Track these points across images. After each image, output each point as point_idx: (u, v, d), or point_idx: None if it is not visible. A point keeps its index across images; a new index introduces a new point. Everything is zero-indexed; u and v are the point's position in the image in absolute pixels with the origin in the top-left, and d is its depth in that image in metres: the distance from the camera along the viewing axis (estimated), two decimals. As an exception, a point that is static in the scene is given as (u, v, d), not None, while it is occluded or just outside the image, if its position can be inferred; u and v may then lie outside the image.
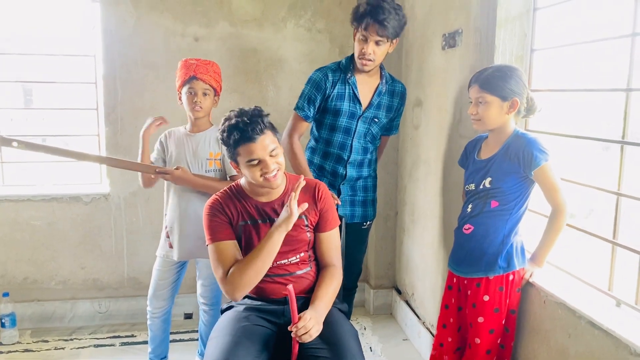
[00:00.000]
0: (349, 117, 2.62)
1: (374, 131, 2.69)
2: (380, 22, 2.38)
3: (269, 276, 2.03)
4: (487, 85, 1.94)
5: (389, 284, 3.69)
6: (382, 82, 2.64)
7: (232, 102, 3.42)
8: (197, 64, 2.50)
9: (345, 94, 2.59)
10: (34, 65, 3.50)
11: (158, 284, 2.65)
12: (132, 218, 3.44)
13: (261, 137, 1.88)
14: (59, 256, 3.41)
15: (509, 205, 1.97)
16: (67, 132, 4.06)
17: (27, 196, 3.32)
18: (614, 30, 1.85)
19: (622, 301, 1.76)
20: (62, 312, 3.45)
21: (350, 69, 2.59)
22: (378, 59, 2.51)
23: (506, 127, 1.99)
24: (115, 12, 3.24)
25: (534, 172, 1.89)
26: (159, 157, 2.64)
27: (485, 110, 1.96)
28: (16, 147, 2.39)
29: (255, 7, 3.40)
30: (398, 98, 2.70)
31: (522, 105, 1.95)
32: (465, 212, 2.11)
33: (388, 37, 2.43)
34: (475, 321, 2.02)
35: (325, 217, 2.09)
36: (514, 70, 1.96)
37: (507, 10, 2.21)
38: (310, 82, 2.62)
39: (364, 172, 2.74)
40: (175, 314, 3.44)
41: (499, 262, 1.98)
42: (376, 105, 2.64)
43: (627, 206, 1.77)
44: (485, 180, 2.02)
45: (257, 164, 1.90)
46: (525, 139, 1.93)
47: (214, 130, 2.60)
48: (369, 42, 2.44)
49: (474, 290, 2.03)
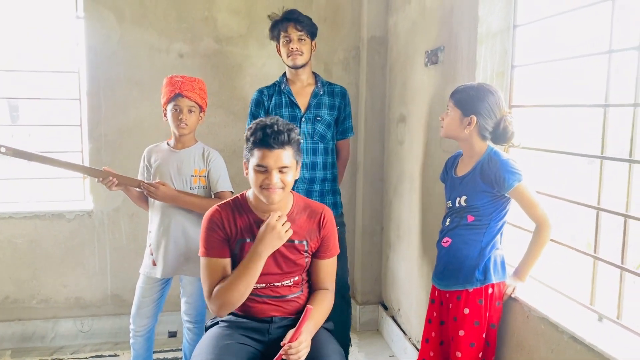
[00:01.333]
0: (291, 121, 2.67)
1: (321, 130, 2.77)
2: (295, 20, 2.70)
3: (259, 296, 2.01)
4: (455, 96, 2.02)
5: (375, 299, 3.67)
6: (317, 86, 2.81)
7: (218, 118, 3.43)
8: (182, 81, 2.49)
9: (282, 101, 2.80)
10: (20, 82, 3.48)
11: (141, 301, 2.61)
12: (115, 235, 3.41)
13: (279, 150, 1.86)
14: (40, 274, 3.36)
15: (485, 220, 1.98)
16: (52, 148, 4.04)
17: (8, 213, 3.28)
18: (593, 46, 1.89)
19: (604, 316, 1.76)
20: (44, 332, 3.39)
21: (284, 81, 2.83)
22: (306, 53, 2.74)
23: (473, 145, 2.01)
24: (99, 28, 3.24)
25: (508, 193, 1.92)
26: (142, 175, 2.63)
27: (447, 117, 2.05)
28: (3, 153, 2.38)
29: (241, 23, 3.42)
30: (339, 97, 2.85)
31: (483, 127, 1.96)
32: (444, 226, 2.13)
33: (307, 33, 2.71)
34: (456, 335, 2.01)
35: (326, 245, 2.06)
36: (487, 93, 1.96)
37: (488, 27, 2.24)
38: (251, 102, 2.86)
39: (317, 174, 2.78)
40: (159, 332, 3.39)
41: (476, 274, 1.98)
42: (315, 105, 2.78)
43: (611, 220, 1.78)
44: (460, 198, 2.04)
45: (262, 172, 1.87)
46: (497, 161, 1.94)
47: (199, 146, 2.59)
48: (293, 40, 2.71)
49: (455, 304, 2.03)
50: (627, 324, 1.68)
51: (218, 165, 2.58)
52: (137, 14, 3.28)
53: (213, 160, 2.58)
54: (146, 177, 2.61)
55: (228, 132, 3.48)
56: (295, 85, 2.81)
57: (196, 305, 2.65)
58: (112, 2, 3.24)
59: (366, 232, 3.56)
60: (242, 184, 3.40)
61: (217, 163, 2.58)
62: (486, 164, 1.96)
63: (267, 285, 2.00)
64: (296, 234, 1.99)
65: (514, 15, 2.23)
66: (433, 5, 2.71)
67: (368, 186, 3.53)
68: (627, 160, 1.67)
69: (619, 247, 1.71)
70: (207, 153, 2.59)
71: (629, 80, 1.63)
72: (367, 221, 3.56)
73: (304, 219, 2.02)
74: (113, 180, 2.46)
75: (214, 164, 2.57)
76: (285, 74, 2.84)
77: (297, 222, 2.01)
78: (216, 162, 2.58)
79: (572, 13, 1.92)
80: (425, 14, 2.80)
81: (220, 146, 3.41)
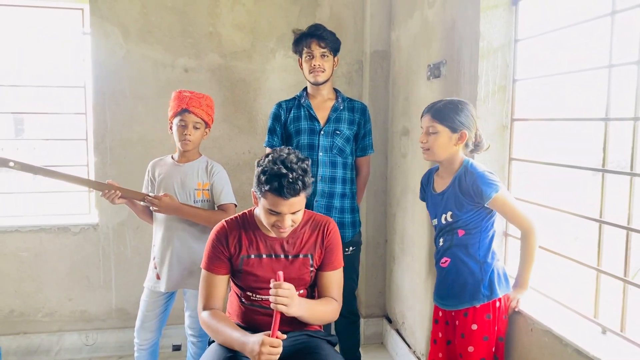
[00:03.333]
0: (310, 134, 2.75)
1: (339, 144, 2.75)
2: (318, 36, 2.69)
3: (264, 307, 2.02)
4: (439, 116, 2.00)
5: (379, 312, 3.67)
6: (337, 101, 2.81)
7: (222, 132, 3.46)
8: (190, 97, 2.51)
9: (301, 115, 2.79)
10: (26, 95, 3.52)
11: (145, 315, 2.62)
12: (120, 248, 3.42)
13: (293, 199, 1.83)
14: (45, 288, 3.38)
15: (476, 231, 1.99)
16: (57, 161, 4.08)
17: (14, 227, 3.30)
18: (594, 60, 1.91)
19: (607, 328, 1.76)
20: (49, 345, 3.40)
21: (304, 95, 2.83)
22: (328, 70, 2.74)
23: (455, 159, 2.03)
24: (105, 44, 3.29)
25: (488, 204, 1.94)
26: (147, 189, 2.65)
27: (435, 140, 2.01)
28: (12, 167, 2.41)
29: (245, 39, 3.46)
30: (359, 113, 2.83)
31: (470, 139, 2.00)
32: (439, 247, 2.13)
33: (330, 49, 2.71)
34: (465, 351, 2.00)
35: (329, 257, 2.05)
36: (464, 104, 2.01)
37: (489, 42, 2.27)
38: (270, 116, 2.86)
39: (337, 188, 2.76)
40: (163, 346, 3.40)
41: (482, 290, 1.98)
42: (334, 118, 2.77)
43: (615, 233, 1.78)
44: (446, 215, 2.05)
45: (275, 214, 1.87)
46: (473, 174, 1.96)
47: (202, 160, 2.61)
48: (316, 57, 2.70)
49: (462, 320, 2.02)
50: (631, 336, 1.68)
51: (221, 179, 2.60)
52: (143, 29, 3.32)
53: (216, 173, 2.59)
54: (150, 190, 2.63)
55: (232, 146, 3.51)
56: (315, 100, 2.81)
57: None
58: (117, 18, 3.28)
59: (370, 244, 3.56)
60: (247, 197, 3.43)
61: (220, 176, 2.60)
62: (463, 177, 1.99)
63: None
64: (301, 248, 2.01)
65: (515, 29, 2.26)
66: (435, 20, 2.74)
67: (372, 199, 3.54)
68: (629, 174, 1.68)
69: (621, 258, 1.72)
70: (210, 166, 2.61)
71: (630, 93, 1.65)
72: (371, 234, 3.57)
73: (307, 232, 2.04)
74: (116, 192, 2.48)
75: (217, 177, 2.59)
76: (306, 88, 2.84)
77: (301, 237, 2.03)
78: (219, 175, 2.60)
79: (572, 28, 1.95)
80: (428, 28, 2.83)
81: (224, 160, 3.44)
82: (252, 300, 2.05)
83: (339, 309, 2.08)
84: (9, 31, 3.37)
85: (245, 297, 2.06)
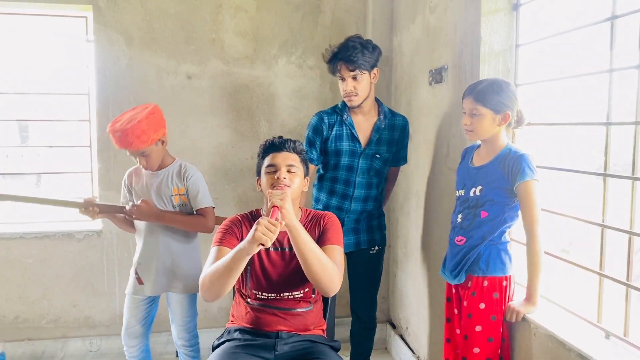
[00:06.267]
0: (350, 156, 2.67)
1: (377, 166, 2.71)
2: (347, 59, 2.51)
3: (269, 307, 2.05)
4: (482, 98, 1.99)
5: (383, 318, 3.66)
6: (380, 118, 2.69)
7: (225, 138, 3.47)
8: (120, 136, 2.40)
9: (344, 134, 2.66)
10: (30, 102, 3.54)
11: (128, 321, 2.65)
12: (124, 254, 3.43)
13: (286, 152, 2.09)
14: (50, 294, 3.39)
15: (499, 217, 2.00)
16: (61, 168, 4.09)
17: (19, 233, 3.32)
18: (594, 64, 1.91)
19: (611, 333, 1.76)
20: (53, 351, 3.41)
21: (346, 110, 2.68)
22: (362, 92, 2.59)
23: (498, 139, 2.04)
24: (109, 51, 3.31)
25: (518, 185, 1.92)
26: (125, 200, 2.67)
27: (479, 122, 2.01)
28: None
29: (247, 45, 3.47)
30: (399, 131, 2.74)
31: (512, 118, 2.01)
32: (456, 222, 2.14)
33: (361, 70, 2.53)
34: (472, 331, 2.01)
35: (325, 234, 2.06)
36: (506, 84, 2.02)
37: (490, 46, 2.27)
38: (309, 127, 2.73)
39: (368, 205, 2.75)
40: (166, 352, 3.42)
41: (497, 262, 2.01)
42: (376, 141, 2.68)
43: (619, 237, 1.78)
44: (475, 188, 2.05)
45: (272, 172, 2.04)
46: (518, 153, 1.97)
47: (175, 165, 2.61)
48: (347, 80, 2.55)
49: (470, 300, 2.03)
50: (635, 341, 1.67)
51: (195, 183, 2.57)
52: (146, 36, 3.34)
53: (190, 177, 2.57)
54: (129, 199, 2.64)
55: (236, 152, 3.52)
56: (357, 117, 2.67)
57: (187, 327, 2.67)
58: (121, 25, 3.31)
59: (373, 249, 3.56)
60: (250, 202, 3.44)
61: (193, 180, 2.57)
62: (508, 155, 1.99)
63: (277, 295, 2.04)
64: None
65: (516, 34, 2.26)
66: (437, 26, 2.75)
67: (374, 204, 3.54)
68: (630, 178, 1.68)
69: (623, 261, 1.72)
70: (184, 171, 2.58)
71: (631, 97, 1.65)
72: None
73: (308, 227, 2.09)
74: (94, 209, 2.49)
75: (191, 182, 2.56)
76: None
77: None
78: (193, 178, 2.57)
79: (573, 33, 1.95)
80: (429, 34, 2.84)
81: (227, 166, 3.46)
82: (258, 298, 2.08)
83: (337, 272, 1.95)
84: (14, 39, 3.40)
85: (252, 295, 2.09)
